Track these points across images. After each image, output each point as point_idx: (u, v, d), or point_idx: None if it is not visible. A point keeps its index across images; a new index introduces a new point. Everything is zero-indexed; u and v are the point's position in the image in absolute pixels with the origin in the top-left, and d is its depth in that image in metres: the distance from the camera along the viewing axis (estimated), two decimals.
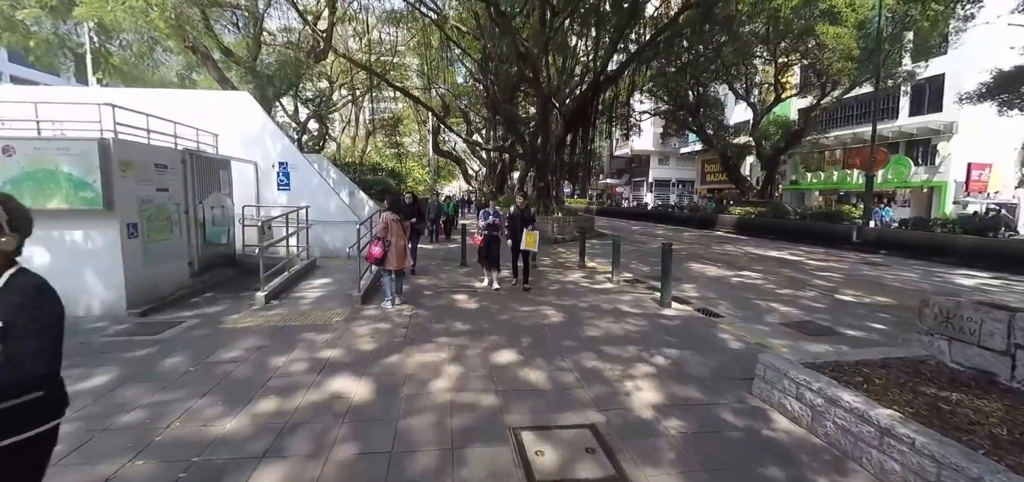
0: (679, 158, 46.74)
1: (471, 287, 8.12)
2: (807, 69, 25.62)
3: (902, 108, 28.12)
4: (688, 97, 29.85)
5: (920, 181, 26.91)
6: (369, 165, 23.20)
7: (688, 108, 29.90)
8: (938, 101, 26.52)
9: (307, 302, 6.80)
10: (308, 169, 10.38)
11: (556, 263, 11.55)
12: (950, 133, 25.83)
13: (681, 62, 26.12)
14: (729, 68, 26.36)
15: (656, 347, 5.15)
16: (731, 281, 9.74)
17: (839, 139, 30.57)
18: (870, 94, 27.46)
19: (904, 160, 27.43)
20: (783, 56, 25.76)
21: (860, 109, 30.07)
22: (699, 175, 43.61)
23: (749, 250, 15.08)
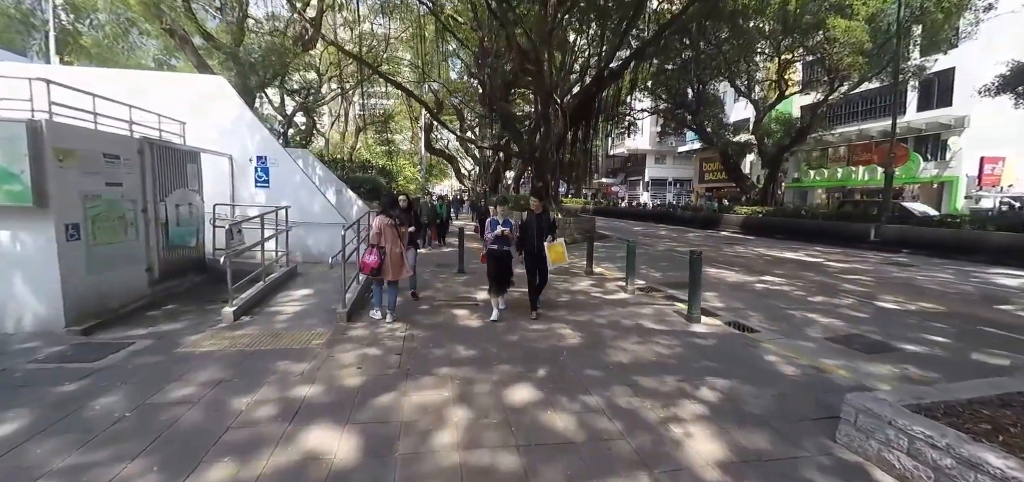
0: (676, 157, 46.19)
1: (472, 300, 7.28)
2: (814, 64, 25.08)
3: (910, 103, 27.68)
4: (687, 95, 29.24)
5: (930, 177, 26.51)
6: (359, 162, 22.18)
7: (687, 106, 29.28)
8: (948, 95, 26.11)
9: (284, 318, 5.92)
10: (290, 165, 9.47)
11: (560, 269, 10.73)
12: (961, 127, 25.45)
13: (682, 59, 25.51)
14: (731, 64, 25.73)
15: (698, 376, 4.36)
16: (755, 288, 9.00)
17: (843, 136, 30.10)
18: (876, 90, 27.15)
19: (913, 156, 27.01)
20: (788, 52, 25.21)
21: (865, 105, 29.63)
22: (697, 174, 43.09)
23: (762, 252, 14.40)
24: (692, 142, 41.09)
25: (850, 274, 10.60)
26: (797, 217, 18.58)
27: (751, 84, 28.26)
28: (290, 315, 6.08)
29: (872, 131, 28.95)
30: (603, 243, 16.35)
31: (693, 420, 3.52)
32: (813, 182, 32.06)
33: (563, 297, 7.61)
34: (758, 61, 27.27)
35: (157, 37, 19.53)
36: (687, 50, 23.29)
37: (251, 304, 6.21)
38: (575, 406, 3.70)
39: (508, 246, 6.12)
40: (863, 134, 29.32)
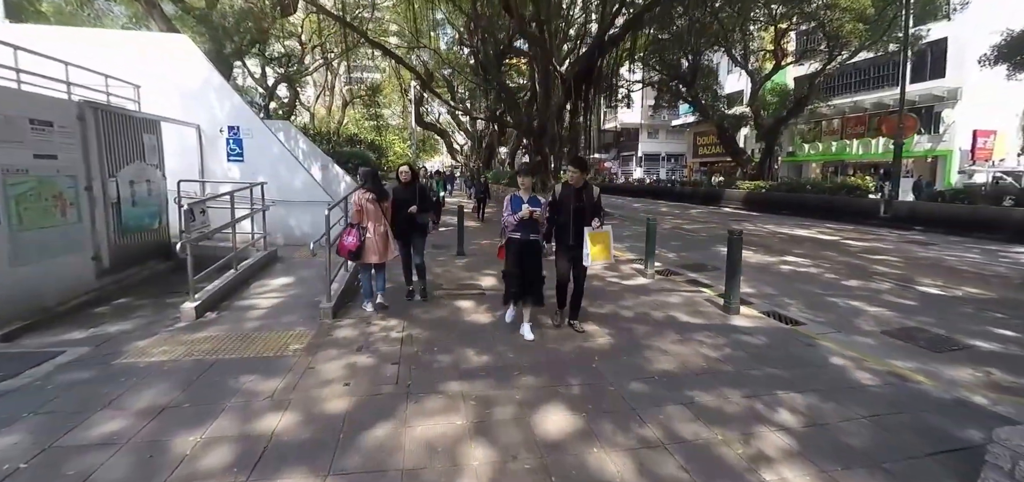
0: (669, 131, 45.13)
1: (477, 287, 6.31)
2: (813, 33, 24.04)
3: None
4: (682, 66, 28.08)
5: (924, 150, 25.92)
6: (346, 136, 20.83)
7: (682, 78, 28.15)
8: (941, 66, 25.34)
9: (257, 315, 4.91)
10: (267, 136, 8.28)
11: None
12: (954, 99, 24.77)
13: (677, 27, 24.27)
14: (728, 33, 24.57)
15: (765, 389, 3.49)
16: (781, 270, 8.19)
17: (837, 108, 29.25)
18: (870, 61, 26.22)
19: None
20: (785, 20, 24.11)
21: (859, 77, 28.75)
22: (691, 148, 42.19)
23: (773, 229, 13.62)
24: (685, 115, 40.08)
25: (874, 254, 9.85)
26: (802, 192, 17.82)
27: (747, 54, 27.16)
28: (265, 310, 5.07)
29: (866, 103, 28.15)
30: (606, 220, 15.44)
31: (784, 460, 2.65)
32: (808, 156, 31.37)
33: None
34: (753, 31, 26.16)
35: (122, 2, 17.75)
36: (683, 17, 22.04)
37: (219, 297, 5.18)
38: (627, 439, 2.80)
39: (536, 235, 4.37)
40: (857, 106, 28.52)
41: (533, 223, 4.27)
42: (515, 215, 4.23)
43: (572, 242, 4.36)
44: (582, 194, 4.38)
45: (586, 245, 4.27)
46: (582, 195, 4.37)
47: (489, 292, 6.03)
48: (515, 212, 4.24)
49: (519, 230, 4.28)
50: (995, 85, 22.88)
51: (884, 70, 27.48)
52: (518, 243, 4.33)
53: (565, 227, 4.38)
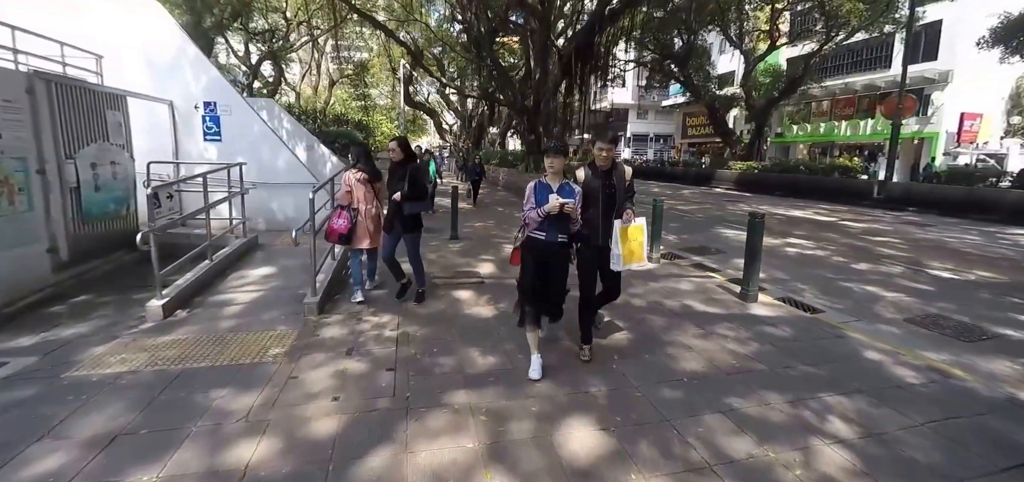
0: (658, 112, 44.57)
1: (475, 275, 5.81)
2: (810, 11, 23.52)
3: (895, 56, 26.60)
4: (674, 46, 27.43)
5: (912, 132, 25.81)
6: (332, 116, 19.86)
7: (675, 57, 27.52)
8: (933, 49, 25.12)
9: (233, 312, 4.35)
10: (247, 113, 7.57)
11: None
12: (945, 82, 24.61)
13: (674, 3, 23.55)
14: (725, 11, 23.97)
15: (807, 390, 3.10)
16: (787, 253, 7.82)
17: (828, 90, 28.98)
18: (861, 43, 25.90)
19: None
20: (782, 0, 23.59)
21: (850, 58, 28.42)
22: (680, 129, 41.75)
23: (770, 210, 13.30)
24: (675, 96, 39.51)
25: (875, 236, 9.57)
26: (795, 172, 17.53)
27: (742, 33, 26.60)
28: (243, 306, 4.51)
29: (856, 85, 27.91)
30: None
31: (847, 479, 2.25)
32: (796, 137, 31.18)
33: None
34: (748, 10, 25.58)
35: None
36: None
37: (191, 292, 4.60)
38: (668, 462, 2.36)
39: (564, 235, 3.17)
40: (848, 88, 28.28)
41: (563, 220, 3.07)
42: (541, 208, 3.01)
43: (601, 241, 3.28)
44: (612, 177, 3.30)
45: (616, 243, 3.26)
46: (612, 179, 3.30)
47: (489, 280, 5.53)
48: (540, 204, 3.04)
49: (543, 228, 3.09)
50: (984, 69, 22.87)
51: (876, 52, 27.20)
52: (541, 246, 3.12)
53: (592, 222, 3.23)
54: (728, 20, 24.73)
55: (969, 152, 24.58)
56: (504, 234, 8.66)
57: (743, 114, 33.79)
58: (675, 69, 28.31)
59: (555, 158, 3.14)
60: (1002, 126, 26.94)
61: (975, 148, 25.04)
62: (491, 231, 8.97)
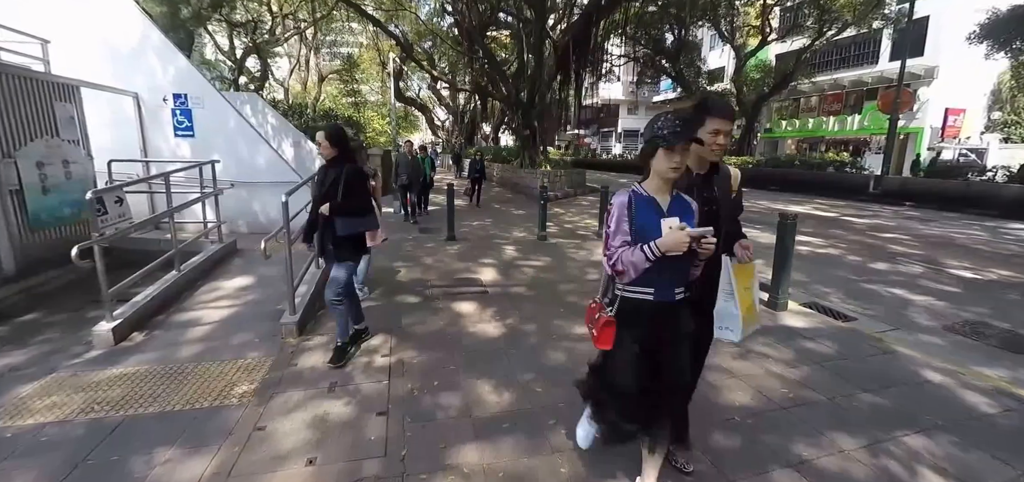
0: (649, 107, 44.20)
1: (477, 283, 5.18)
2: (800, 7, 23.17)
3: (883, 52, 26.45)
4: (666, 41, 26.98)
5: (899, 128, 25.68)
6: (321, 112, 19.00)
7: (667, 52, 27.08)
8: (920, 45, 24.96)
9: (198, 335, 3.67)
10: (222, 106, 6.80)
11: (563, 228, 8.78)
12: (931, 78, 24.51)
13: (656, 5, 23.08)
14: (716, 5, 23.53)
15: (877, 426, 2.57)
16: (799, 251, 7.29)
17: (816, 86, 28.74)
18: (849, 39, 25.69)
19: None
20: None
21: (838, 54, 28.21)
22: None
23: (768, 204, 12.88)
24: (666, 91, 39.14)
25: (882, 232, 9.14)
26: (790, 167, 17.15)
27: (733, 29, 26.19)
28: (211, 327, 3.83)
29: (845, 81, 27.74)
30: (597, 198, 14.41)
31: None
32: (784, 132, 30.95)
33: (590, 274, 5.64)
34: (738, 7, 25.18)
35: None
36: None
37: (151, 310, 3.91)
38: None
39: (682, 289, 1.74)
40: (836, 84, 28.08)
41: (682, 265, 1.69)
42: (653, 246, 1.59)
43: (691, 291, 1.79)
44: (712, 184, 1.94)
45: (727, 295, 1.92)
46: (713, 186, 1.94)
47: (492, 289, 4.91)
48: (644, 232, 1.64)
49: (650, 281, 1.68)
50: (968, 65, 23.01)
51: (864, 48, 27.03)
52: (651, 313, 1.72)
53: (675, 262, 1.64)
54: (719, 15, 24.31)
55: (952, 147, 24.60)
56: (503, 234, 8.04)
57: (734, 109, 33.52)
58: (667, 64, 27.88)
59: (671, 152, 1.59)
60: (983, 121, 27.08)
61: (958, 143, 25.09)
62: (490, 231, 8.34)
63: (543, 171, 14.02)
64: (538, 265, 5.93)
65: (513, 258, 6.28)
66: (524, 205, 12.06)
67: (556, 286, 5.04)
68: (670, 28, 26.11)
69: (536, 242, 7.37)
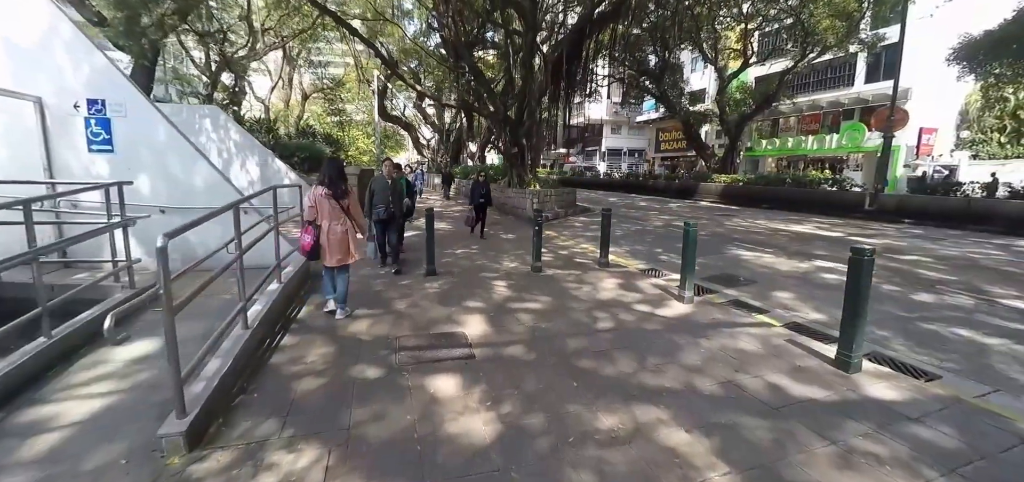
0: (631, 127, 43.97)
1: (459, 341, 3.94)
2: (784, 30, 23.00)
3: (858, 75, 26.55)
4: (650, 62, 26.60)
5: (874, 146, 25.56)
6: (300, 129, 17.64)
7: (651, 74, 26.67)
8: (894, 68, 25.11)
9: (37, 452, 2.33)
10: (150, 115, 5.45)
11: (559, 255, 7.61)
12: (905, 99, 24.52)
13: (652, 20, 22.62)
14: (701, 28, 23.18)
15: None
16: (825, 280, 6.30)
17: (795, 107, 28.66)
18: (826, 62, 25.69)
19: (859, 125, 26.05)
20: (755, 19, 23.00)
21: (815, 77, 28.29)
22: (653, 143, 41.14)
23: (767, 224, 11.98)
24: (649, 111, 38.90)
25: (900, 254, 8.24)
26: (780, 185, 16.44)
27: (717, 51, 25.92)
28: (66, 434, 2.49)
29: (822, 102, 27.76)
30: (590, 218, 13.34)
31: None
32: (765, 151, 30.75)
33: (600, 319, 4.46)
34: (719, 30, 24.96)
35: None
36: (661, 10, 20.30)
37: None
38: None
39: None
40: (814, 105, 28.07)
41: None
42: None
43: None
44: None
45: None
46: None
47: (480, 348, 3.68)
48: None
49: None
50: (939, 87, 23.29)
51: (840, 71, 27.17)
52: None
53: None
54: (701, 37, 23.99)
55: (927, 164, 24.65)
56: (492, 264, 6.83)
57: (715, 129, 33.32)
58: (651, 85, 27.46)
59: None
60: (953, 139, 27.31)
61: (931, 160, 25.19)
62: (476, 260, 7.12)
63: (532, 191, 12.93)
64: (536, 309, 4.74)
65: (505, 298, 5.07)
66: (513, 227, 10.89)
67: (563, 342, 3.85)
68: (654, 50, 25.74)
69: (530, 275, 6.19)
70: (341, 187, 4.21)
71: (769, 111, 26.27)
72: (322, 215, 4.16)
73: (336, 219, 4.18)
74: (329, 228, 4.16)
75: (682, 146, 36.07)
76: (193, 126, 10.05)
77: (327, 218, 4.16)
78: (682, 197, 20.99)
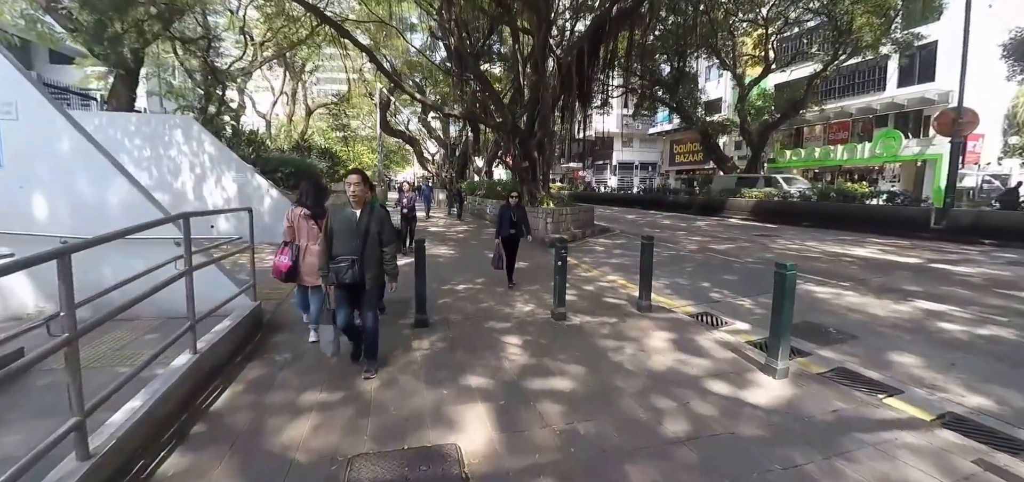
0: (643, 140, 42.57)
1: (444, 456, 2.48)
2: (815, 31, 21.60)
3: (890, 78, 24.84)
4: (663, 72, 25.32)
5: (912, 155, 23.80)
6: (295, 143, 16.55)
7: (665, 84, 25.35)
8: (930, 70, 23.43)
9: None
10: (50, 118, 4.15)
11: (583, 292, 6.11)
12: (945, 103, 22.76)
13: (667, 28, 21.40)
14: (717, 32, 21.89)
15: None
16: (947, 334, 4.71)
17: (822, 114, 26.96)
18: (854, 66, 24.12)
19: (894, 133, 24.24)
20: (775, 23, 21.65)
21: (842, 82, 26.67)
22: (667, 156, 39.67)
23: (820, 246, 10.36)
24: (662, 123, 37.53)
25: (1007, 287, 6.58)
26: (824, 199, 14.78)
27: (735, 57, 24.52)
28: None
29: (851, 108, 26.03)
30: (612, 240, 11.82)
31: None
32: (789, 162, 29.02)
33: (665, 414, 2.96)
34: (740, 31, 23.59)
35: None
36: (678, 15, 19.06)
37: None
38: None
39: None
40: (843, 111, 26.36)
41: None
42: None
43: None
44: None
45: None
46: None
47: (477, 463, 2.22)
48: None
49: None
50: (983, 89, 21.39)
51: (869, 75, 25.55)
52: None
53: None
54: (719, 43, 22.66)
55: (974, 173, 22.64)
56: (501, 307, 5.36)
57: (734, 140, 31.75)
58: (665, 96, 26.13)
59: None
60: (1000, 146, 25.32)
61: (978, 169, 23.18)
62: (480, 302, 5.66)
63: (546, 209, 11.50)
64: (566, 391, 3.26)
65: (521, 370, 3.60)
66: (525, 253, 9.42)
67: (616, 468, 2.36)
68: (668, 59, 24.48)
69: (552, 325, 4.71)
70: (321, 207, 4.05)
71: (793, 120, 24.68)
72: (300, 236, 3.99)
73: (313, 240, 3.95)
74: (306, 249, 3.97)
75: (698, 158, 34.52)
76: (162, 138, 8.88)
77: (305, 238, 3.99)
78: (707, 213, 19.36)
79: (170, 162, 8.89)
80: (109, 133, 8.40)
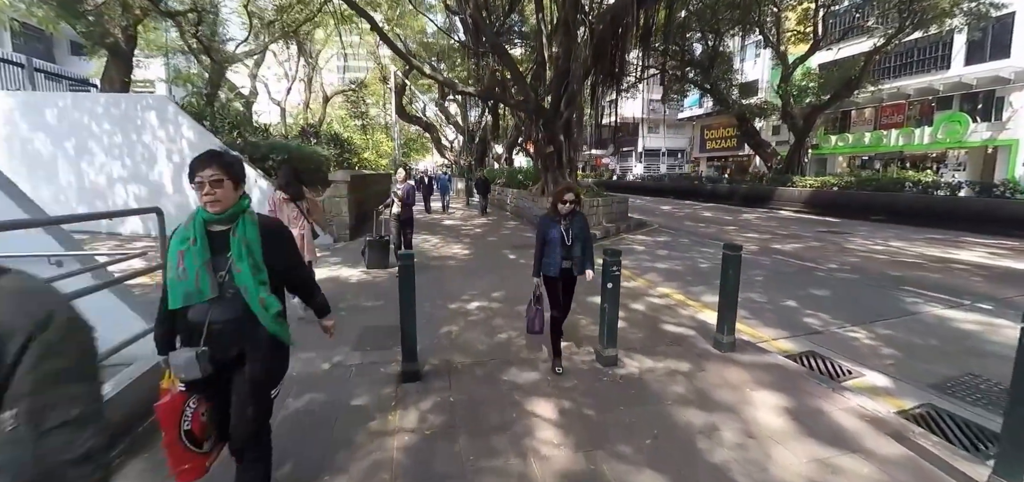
0: (670, 125, 40.09)
1: None
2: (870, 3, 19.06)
3: (955, 55, 21.93)
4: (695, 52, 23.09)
5: (980, 140, 21.01)
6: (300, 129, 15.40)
7: (698, 64, 23.12)
8: (1005, 45, 20.46)
9: None
10: None
11: (633, 316, 4.56)
12: (1023, 82, 19.93)
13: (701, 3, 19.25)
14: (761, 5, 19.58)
15: None
16: None
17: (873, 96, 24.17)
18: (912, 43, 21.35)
19: (960, 116, 21.41)
20: None
21: (898, 60, 23.78)
22: (698, 142, 37.22)
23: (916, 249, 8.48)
24: (691, 107, 35.08)
25: None
26: (897, 190, 12.69)
27: (779, 34, 22.08)
28: None
29: (909, 89, 23.17)
30: (651, 236, 10.16)
31: None
32: (835, 148, 26.42)
33: None
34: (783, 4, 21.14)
35: None
36: None
37: None
38: None
39: None
40: (899, 93, 23.54)
41: None
42: None
43: None
44: None
45: None
46: None
47: None
48: None
49: None
50: None
51: (931, 52, 22.62)
52: None
53: None
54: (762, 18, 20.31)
55: None
56: (520, 351, 3.87)
57: (770, 125, 29.20)
58: (697, 77, 23.89)
59: None
60: None
61: None
62: (497, 328, 4.20)
63: None
64: None
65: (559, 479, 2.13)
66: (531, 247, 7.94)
67: None
68: (702, 37, 22.25)
69: (600, 378, 3.22)
70: (296, 189, 4.17)
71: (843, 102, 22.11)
72: (286, 220, 3.97)
73: (294, 223, 4.04)
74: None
75: (732, 144, 32.06)
76: (134, 121, 7.70)
77: (286, 221, 3.91)
78: (751, 204, 17.36)
79: (144, 149, 7.73)
80: (74, 116, 7.26)
